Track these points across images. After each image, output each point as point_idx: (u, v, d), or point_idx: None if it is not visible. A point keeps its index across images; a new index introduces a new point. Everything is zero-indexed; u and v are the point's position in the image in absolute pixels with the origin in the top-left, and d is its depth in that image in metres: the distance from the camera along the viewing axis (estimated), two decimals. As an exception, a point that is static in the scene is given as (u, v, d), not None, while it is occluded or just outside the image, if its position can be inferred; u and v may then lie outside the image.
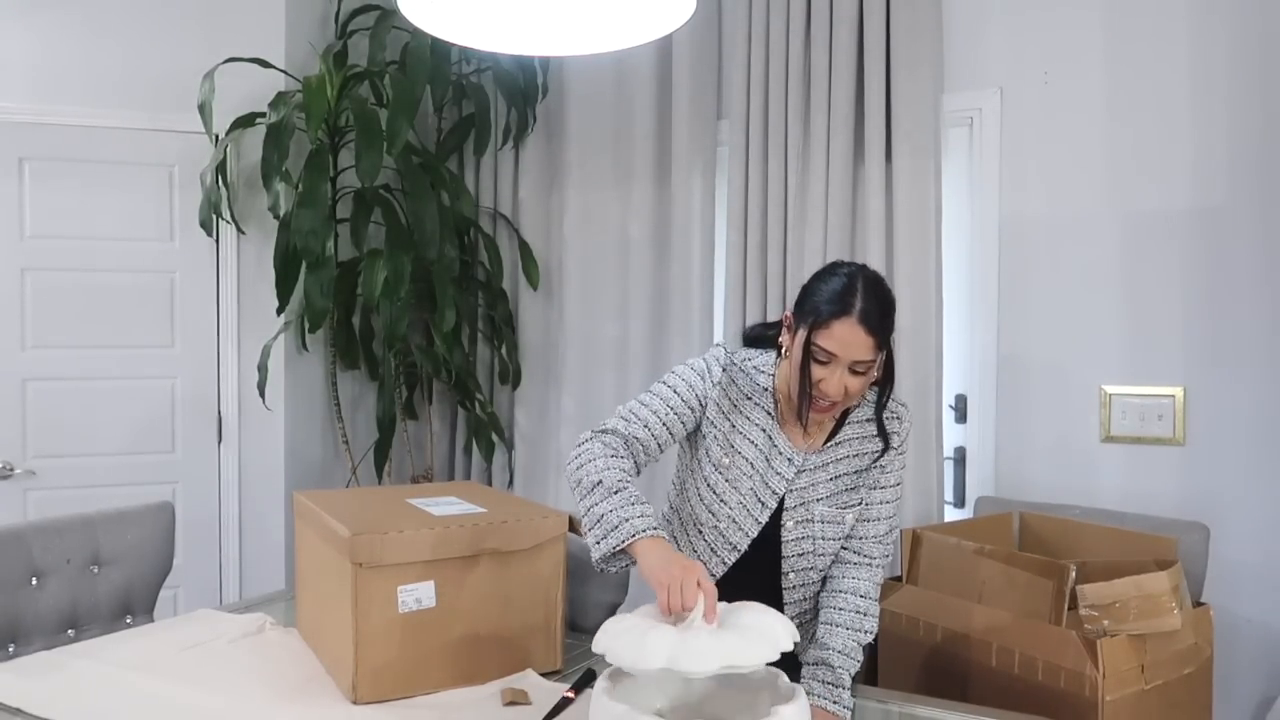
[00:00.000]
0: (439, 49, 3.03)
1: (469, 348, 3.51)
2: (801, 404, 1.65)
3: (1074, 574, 1.97)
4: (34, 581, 2.11)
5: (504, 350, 3.45)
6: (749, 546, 1.75)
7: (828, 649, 1.68)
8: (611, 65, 3.30)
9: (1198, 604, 2.18)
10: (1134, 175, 2.66)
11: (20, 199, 2.94)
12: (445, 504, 1.84)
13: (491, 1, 1.60)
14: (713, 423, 1.74)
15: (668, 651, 1.25)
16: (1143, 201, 2.65)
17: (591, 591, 2.14)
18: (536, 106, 3.40)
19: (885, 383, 1.71)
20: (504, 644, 1.72)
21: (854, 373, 1.59)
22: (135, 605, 2.27)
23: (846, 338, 1.56)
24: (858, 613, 1.72)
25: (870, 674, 2.29)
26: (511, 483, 3.52)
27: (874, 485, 1.77)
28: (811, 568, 1.77)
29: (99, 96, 3.01)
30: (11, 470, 2.94)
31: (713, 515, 1.76)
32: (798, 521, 1.73)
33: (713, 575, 1.76)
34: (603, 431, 1.69)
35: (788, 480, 1.72)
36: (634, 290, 3.27)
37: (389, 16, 3.01)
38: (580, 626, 2.11)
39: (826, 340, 1.57)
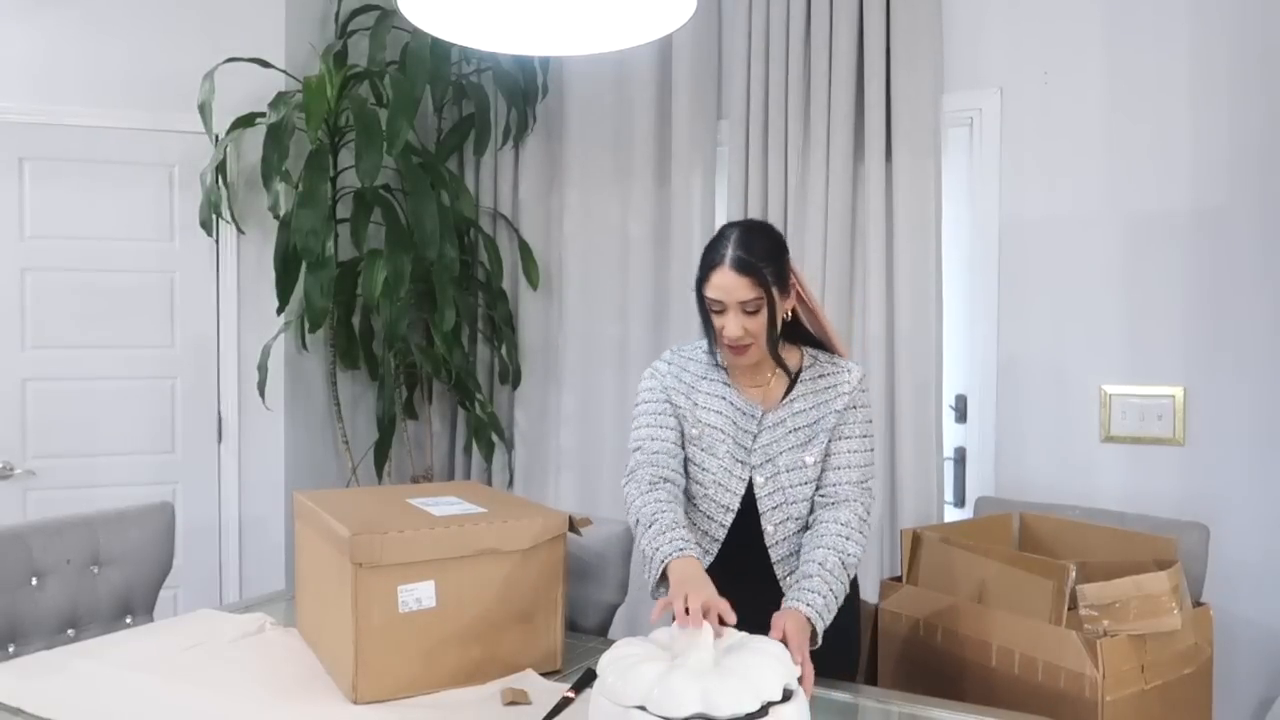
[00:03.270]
0: (439, 49, 3.03)
1: (469, 348, 3.51)
2: (722, 354, 1.82)
3: (1074, 574, 1.97)
4: (34, 581, 2.11)
5: (504, 350, 3.45)
6: (740, 506, 1.85)
7: (809, 563, 1.72)
8: (611, 65, 3.30)
9: (1198, 604, 2.18)
10: (1134, 175, 2.66)
11: (20, 199, 2.94)
12: (445, 504, 1.84)
13: (491, 1, 1.60)
14: (679, 406, 1.88)
15: (646, 689, 1.25)
16: (1143, 201, 2.65)
17: (591, 591, 2.14)
18: (536, 106, 3.40)
19: (798, 336, 1.88)
20: (504, 644, 1.72)
21: (747, 313, 1.73)
22: (135, 605, 2.27)
23: (724, 283, 1.73)
24: (840, 536, 1.75)
25: (870, 674, 2.30)
26: (511, 483, 3.52)
27: (839, 436, 1.84)
28: (788, 518, 1.85)
29: (99, 96, 3.01)
30: (11, 470, 2.94)
31: (701, 485, 1.87)
32: (767, 477, 1.84)
33: (715, 540, 1.87)
34: (630, 475, 1.86)
35: (754, 435, 1.84)
36: (634, 290, 3.27)
37: (389, 16, 3.01)
38: (580, 626, 2.11)
39: (711, 290, 1.75)
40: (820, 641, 1.64)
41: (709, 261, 1.76)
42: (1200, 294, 2.58)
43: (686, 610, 1.41)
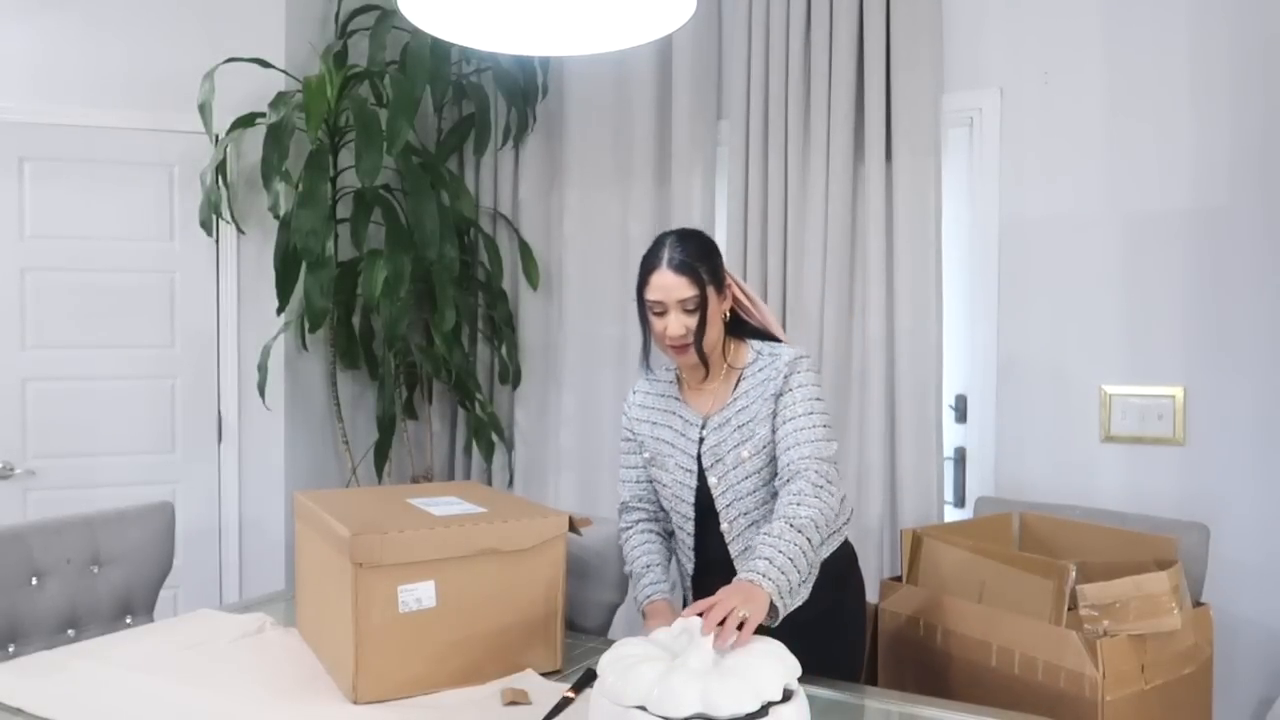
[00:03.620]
0: (439, 49, 3.03)
1: (469, 348, 3.51)
2: (666, 353, 1.89)
3: (1074, 574, 1.97)
4: (34, 581, 2.11)
5: (504, 350, 3.45)
6: (696, 514, 1.93)
7: (755, 543, 1.66)
8: (611, 65, 3.30)
9: (1198, 604, 2.18)
10: (1134, 175, 2.66)
11: (20, 199, 2.94)
12: (445, 504, 1.84)
13: (491, 1, 1.60)
14: (641, 434, 2.00)
15: (646, 689, 1.25)
16: (1143, 201, 2.65)
17: (591, 591, 2.14)
18: (536, 106, 3.40)
19: (747, 331, 1.94)
20: (504, 644, 1.72)
21: (686, 312, 1.81)
22: (135, 605, 2.27)
23: (664, 283, 1.81)
24: (788, 504, 1.69)
25: (870, 674, 2.30)
26: (511, 483, 3.52)
27: (784, 420, 1.82)
28: (740, 514, 1.89)
29: (99, 96, 3.01)
30: (11, 470, 2.94)
31: (665, 498, 1.98)
32: (719, 477, 1.89)
33: (689, 548, 1.97)
34: (621, 506, 2.05)
35: (695, 443, 1.90)
36: (634, 290, 3.26)
37: (389, 16, 3.01)
38: (580, 626, 2.11)
39: (651, 292, 1.83)
40: (781, 612, 1.57)
41: (648, 266, 1.85)
42: (1200, 294, 2.58)
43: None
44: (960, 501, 2.96)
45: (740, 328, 1.95)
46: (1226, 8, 2.54)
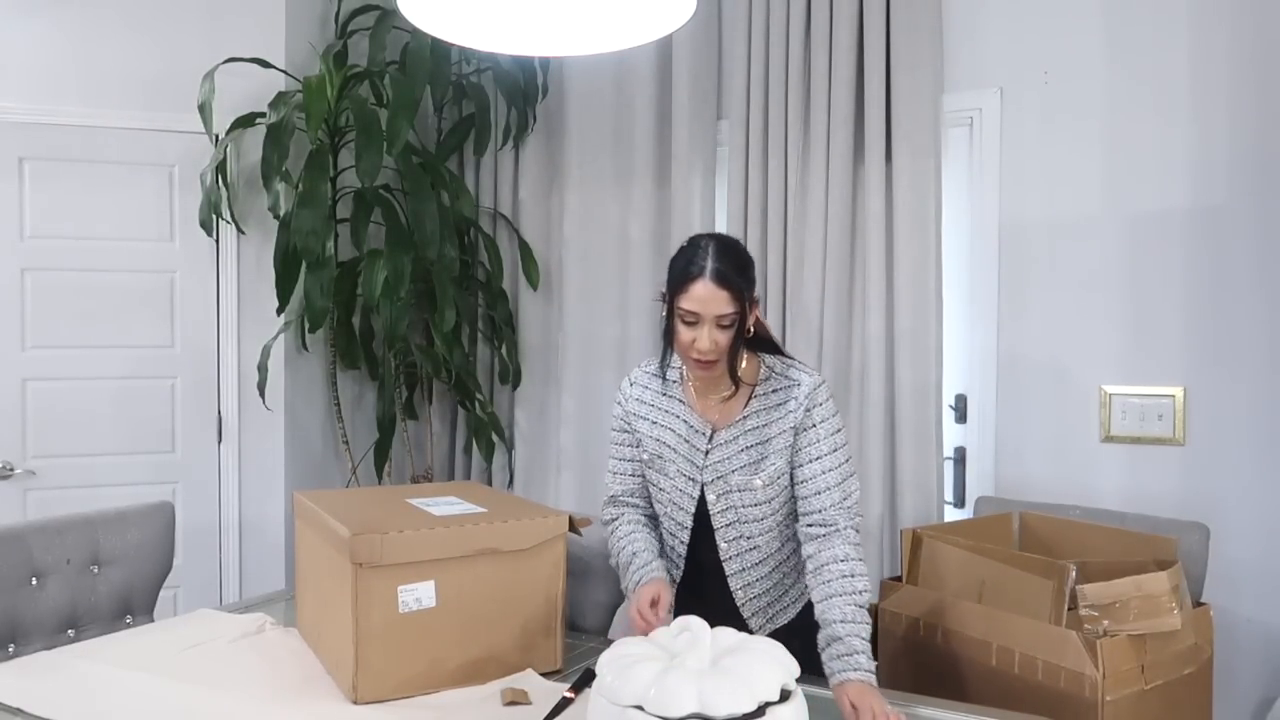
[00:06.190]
0: (439, 49, 3.03)
1: (469, 348, 3.51)
2: (687, 365, 1.80)
3: (1074, 574, 1.97)
4: (34, 581, 2.11)
5: (504, 350, 3.45)
6: (694, 524, 1.88)
7: (831, 623, 1.68)
8: (611, 65, 3.30)
9: (1198, 604, 2.18)
10: (1134, 175, 2.66)
11: (20, 199, 2.94)
12: (445, 504, 1.84)
13: (491, 1, 1.60)
14: (637, 431, 1.93)
15: (643, 689, 1.25)
16: (1143, 201, 2.65)
17: (591, 591, 2.14)
18: (536, 106, 3.40)
19: (746, 339, 1.81)
20: (504, 644, 1.72)
21: (720, 327, 1.72)
22: (135, 605, 2.27)
23: (704, 295, 1.70)
24: (845, 577, 1.72)
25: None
26: (511, 483, 3.52)
27: (808, 458, 1.80)
28: (740, 536, 1.86)
29: (99, 96, 3.01)
30: (11, 470, 2.94)
31: (660, 503, 1.93)
32: (719, 494, 1.84)
33: (679, 556, 1.93)
34: (609, 499, 1.99)
35: (704, 453, 1.84)
36: (634, 290, 3.27)
37: (389, 16, 3.01)
38: (580, 626, 2.11)
39: (688, 302, 1.71)
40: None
41: (686, 273, 1.73)
42: (1200, 294, 2.58)
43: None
44: (960, 501, 2.96)
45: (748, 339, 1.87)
46: (1226, 8, 2.54)
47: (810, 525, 1.79)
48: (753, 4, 2.99)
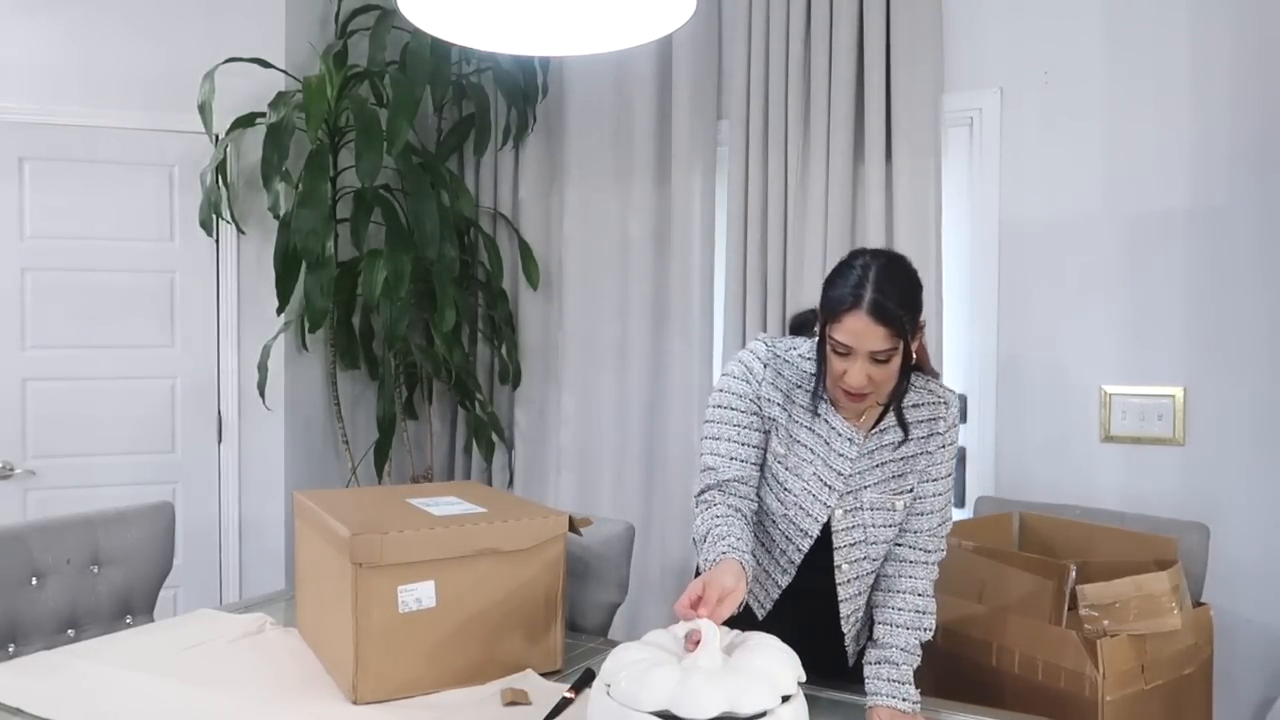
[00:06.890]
0: (439, 49, 3.03)
1: (469, 348, 3.51)
2: (835, 394, 1.64)
3: (1074, 574, 1.97)
4: (34, 581, 2.11)
5: (504, 350, 3.45)
6: (819, 533, 1.72)
7: (890, 648, 1.67)
8: (611, 65, 3.30)
9: (1198, 604, 2.18)
10: (1134, 175, 2.66)
11: (20, 199, 2.94)
12: (445, 504, 1.84)
13: (491, 1, 1.60)
14: (771, 418, 1.71)
15: (668, 693, 1.25)
16: (1143, 202, 2.65)
17: (591, 591, 2.14)
18: (536, 106, 3.40)
19: (907, 368, 1.64)
20: (504, 644, 1.72)
21: (875, 361, 1.55)
22: (135, 605, 2.27)
23: (857, 329, 1.53)
24: (917, 612, 1.70)
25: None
26: (511, 483, 3.52)
27: (926, 478, 1.71)
28: (865, 557, 1.73)
29: (99, 96, 3.01)
30: (11, 470, 2.94)
31: (781, 504, 1.72)
32: (847, 510, 1.70)
33: (791, 562, 1.74)
34: (700, 496, 1.70)
35: (851, 460, 1.67)
36: (634, 290, 3.27)
37: (389, 16, 3.01)
38: (580, 626, 2.11)
39: (840, 333, 1.55)
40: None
41: (841, 301, 1.55)
42: (1200, 294, 2.58)
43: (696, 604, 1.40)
44: (960, 501, 2.96)
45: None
46: (1226, 8, 2.54)
47: (900, 545, 1.74)
48: (753, 4, 2.99)
